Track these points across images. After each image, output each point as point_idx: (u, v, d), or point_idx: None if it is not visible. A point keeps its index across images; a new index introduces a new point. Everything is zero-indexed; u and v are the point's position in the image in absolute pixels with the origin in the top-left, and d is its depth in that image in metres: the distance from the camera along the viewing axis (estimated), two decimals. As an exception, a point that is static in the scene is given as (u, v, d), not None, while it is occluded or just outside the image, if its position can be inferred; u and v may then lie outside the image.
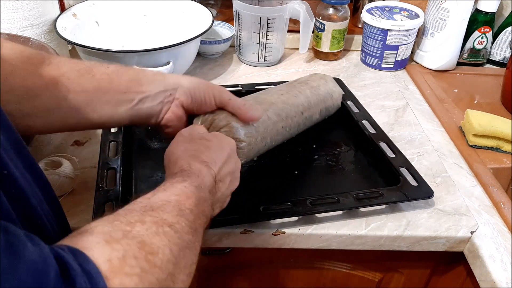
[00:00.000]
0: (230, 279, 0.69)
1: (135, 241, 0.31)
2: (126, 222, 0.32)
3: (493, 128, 0.71)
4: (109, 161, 0.61)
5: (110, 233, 0.30)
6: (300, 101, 0.64)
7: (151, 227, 0.33)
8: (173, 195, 0.38)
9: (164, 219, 0.34)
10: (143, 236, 0.31)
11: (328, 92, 0.69)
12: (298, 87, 0.67)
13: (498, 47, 0.99)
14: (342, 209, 0.57)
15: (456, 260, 0.62)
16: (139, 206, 0.36)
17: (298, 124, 0.64)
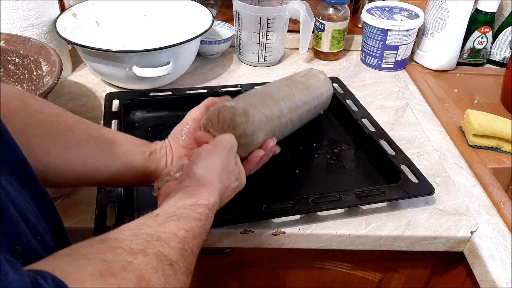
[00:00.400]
0: (230, 279, 0.69)
1: (134, 275, 0.30)
2: (130, 251, 0.32)
3: (493, 128, 0.71)
4: (109, 161, 0.61)
5: (109, 264, 0.29)
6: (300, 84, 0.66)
7: (152, 262, 0.32)
8: (183, 229, 0.38)
9: (166, 256, 0.34)
10: (143, 271, 0.31)
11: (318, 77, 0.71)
12: (292, 76, 0.68)
13: (498, 47, 0.99)
14: (344, 207, 0.58)
15: (456, 260, 0.62)
16: (147, 232, 0.35)
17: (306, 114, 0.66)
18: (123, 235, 0.34)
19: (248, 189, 0.55)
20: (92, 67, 0.80)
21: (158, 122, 0.74)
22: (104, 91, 0.80)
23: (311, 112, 0.68)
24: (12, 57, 0.72)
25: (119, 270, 0.29)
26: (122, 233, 0.34)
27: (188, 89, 0.80)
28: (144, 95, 0.76)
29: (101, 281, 0.28)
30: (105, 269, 0.29)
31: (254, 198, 0.58)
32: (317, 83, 0.69)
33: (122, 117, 0.70)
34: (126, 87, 0.81)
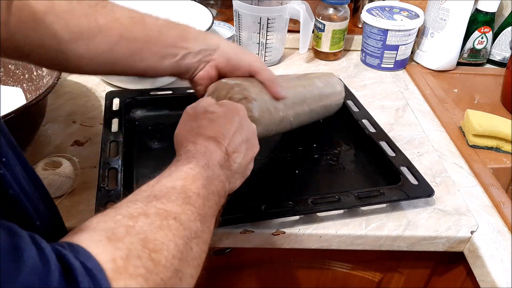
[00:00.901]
0: (230, 279, 0.69)
1: (138, 238, 0.30)
2: (129, 216, 0.31)
3: (493, 128, 0.71)
4: (110, 161, 0.61)
5: (112, 230, 0.29)
6: (316, 90, 0.65)
7: (154, 221, 0.32)
8: (178, 179, 0.37)
9: (168, 210, 0.33)
10: (146, 232, 0.30)
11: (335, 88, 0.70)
12: (312, 78, 0.67)
13: (498, 47, 0.99)
14: (344, 208, 0.58)
15: (456, 260, 0.62)
16: (143, 195, 0.35)
17: (320, 108, 0.65)
18: (120, 205, 0.34)
19: (248, 189, 0.55)
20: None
21: (159, 121, 0.74)
22: (104, 91, 0.80)
23: (313, 118, 0.68)
24: (12, 57, 0.71)
25: (124, 235, 0.29)
26: (119, 204, 0.34)
27: (189, 88, 0.80)
28: (144, 94, 0.76)
29: (111, 246, 0.28)
30: (111, 235, 0.29)
31: (254, 198, 0.58)
32: (332, 94, 0.69)
33: (123, 116, 0.70)
34: (126, 87, 0.81)
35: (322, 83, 0.67)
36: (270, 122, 0.56)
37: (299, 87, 0.63)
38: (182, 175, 0.38)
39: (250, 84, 0.54)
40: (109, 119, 0.70)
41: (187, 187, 0.37)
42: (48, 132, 0.70)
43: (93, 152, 0.66)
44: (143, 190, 0.36)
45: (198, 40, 0.53)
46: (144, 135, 0.71)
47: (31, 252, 0.24)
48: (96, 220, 0.31)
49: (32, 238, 0.25)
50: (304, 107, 0.62)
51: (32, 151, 0.66)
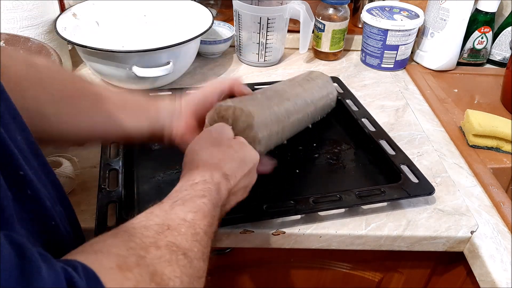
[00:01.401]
0: (230, 279, 0.69)
1: (147, 271, 0.30)
2: (141, 246, 0.31)
3: (493, 128, 0.71)
4: (110, 162, 0.61)
5: (124, 258, 0.29)
6: (313, 94, 0.66)
7: (165, 255, 0.32)
8: (190, 212, 0.38)
9: (178, 245, 0.34)
10: (156, 265, 0.31)
11: (327, 87, 0.71)
12: (302, 82, 0.67)
13: (498, 47, 0.99)
14: (345, 207, 0.58)
15: (456, 260, 0.62)
16: (156, 222, 0.35)
17: (311, 115, 0.66)
18: (133, 227, 0.34)
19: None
20: (92, 67, 0.80)
21: (158, 122, 0.74)
22: (104, 91, 0.80)
23: (317, 112, 0.68)
24: (12, 57, 0.71)
25: (135, 265, 0.29)
26: (132, 226, 0.34)
27: (188, 88, 0.80)
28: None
29: (121, 276, 0.28)
30: (122, 263, 0.29)
31: (254, 198, 0.58)
32: (321, 84, 0.70)
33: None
34: (126, 87, 0.81)
35: (306, 79, 0.68)
36: (271, 145, 0.58)
37: (287, 88, 0.64)
38: (195, 207, 0.39)
39: (256, 110, 0.54)
40: (109, 119, 0.70)
41: (196, 223, 0.37)
42: (48, 132, 0.70)
43: (93, 152, 0.66)
44: (156, 215, 0.36)
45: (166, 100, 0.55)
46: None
47: (42, 277, 0.23)
48: (110, 243, 0.31)
49: (43, 258, 0.25)
50: (299, 118, 0.63)
51: (32, 151, 0.66)
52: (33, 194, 0.30)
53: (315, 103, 0.67)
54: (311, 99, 0.66)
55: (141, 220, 0.35)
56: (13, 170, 0.29)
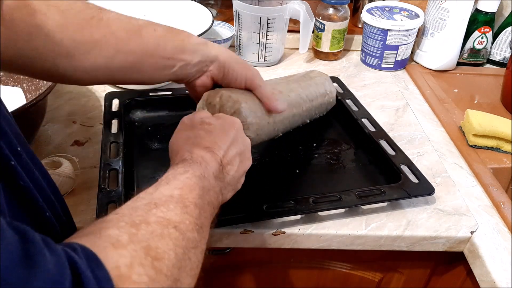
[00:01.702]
0: (230, 279, 0.69)
1: (141, 246, 0.30)
2: (131, 223, 0.32)
3: (493, 128, 0.71)
4: (110, 162, 0.61)
5: (117, 237, 0.30)
6: (309, 91, 0.66)
7: (156, 229, 0.32)
8: (176, 188, 0.38)
9: (168, 219, 0.34)
10: (149, 240, 0.31)
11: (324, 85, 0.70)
12: (299, 79, 0.67)
13: (498, 47, 0.99)
14: (345, 207, 0.58)
15: (456, 260, 0.62)
16: (143, 203, 0.35)
17: (307, 111, 0.66)
18: (121, 210, 0.34)
19: (249, 189, 0.55)
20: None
21: (158, 122, 0.74)
22: (104, 91, 0.80)
23: (314, 108, 0.68)
24: (12, 57, 0.71)
25: (127, 242, 0.30)
26: (120, 210, 0.34)
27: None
28: (144, 95, 0.76)
29: (116, 253, 0.28)
30: (115, 242, 0.29)
31: (254, 198, 0.58)
32: (318, 81, 0.70)
33: (122, 117, 0.70)
34: (126, 87, 0.81)
35: (311, 86, 0.68)
36: (262, 134, 0.57)
37: (287, 83, 0.64)
38: (179, 184, 0.38)
39: (244, 97, 0.54)
40: (109, 120, 0.70)
41: (184, 197, 0.37)
42: (48, 132, 0.70)
43: (93, 152, 0.67)
44: (142, 198, 0.36)
45: (197, 51, 0.53)
46: (144, 136, 0.71)
47: (46, 260, 0.24)
48: (100, 226, 0.31)
49: (45, 242, 0.25)
50: (294, 113, 0.63)
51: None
52: (25, 185, 0.30)
53: (311, 99, 0.66)
54: (307, 95, 0.65)
55: (128, 204, 0.36)
56: (3, 160, 0.29)
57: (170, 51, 0.51)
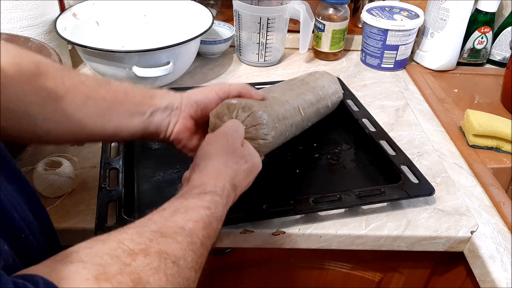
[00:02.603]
0: (230, 279, 0.69)
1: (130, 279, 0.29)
2: (129, 252, 0.31)
3: (493, 128, 0.71)
4: (111, 161, 0.61)
5: (105, 267, 0.29)
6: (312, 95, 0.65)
7: (153, 262, 0.31)
8: (191, 221, 0.37)
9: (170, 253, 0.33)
10: (140, 273, 0.30)
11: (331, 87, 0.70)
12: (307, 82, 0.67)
13: (498, 47, 0.99)
14: (344, 207, 0.58)
15: (456, 260, 0.62)
16: (151, 229, 0.34)
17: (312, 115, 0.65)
18: (126, 234, 0.33)
19: (249, 189, 0.55)
20: (92, 67, 0.80)
21: (158, 122, 0.74)
22: (104, 91, 0.80)
23: (322, 111, 0.68)
24: (12, 57, 0.71)
25: (115, 274, 0.28)
26: (125, 232, 0.33)
27: (189, 88, 0.79)
28: (144, 95, 0.76)
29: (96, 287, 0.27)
30: (100, 273, 0.28)
31: (254, 198, 0.58)
32: (325, 83, 0.69)
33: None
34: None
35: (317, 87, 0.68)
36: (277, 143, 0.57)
37: (292, 87, 0.63)
38: (197, 217, 0.38)
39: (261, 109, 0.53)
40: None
41: (195, 232, 0.37)
42: (48, 132, 0.70)
43: (93, 152, 0.67)
44: (154, 221, 0.36)
45: (164, 96, 0.52)
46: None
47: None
48: (96, 250, 0.30)
49: None
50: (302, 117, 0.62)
51: (32, 151, 0.66)
52: None
53: (324, 100, 0.67)
54: (322, 95, 0.66)
55: (137, 225, 0.35)
56: None
57: (139, 97, 0.50)
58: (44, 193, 0.57)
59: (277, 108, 0.56)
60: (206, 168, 0.45)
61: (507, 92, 0.84)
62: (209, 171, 0.44)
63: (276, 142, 0.56)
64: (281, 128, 0.56)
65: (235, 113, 0.52)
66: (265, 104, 0.54)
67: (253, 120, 0.52)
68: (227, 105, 0.53)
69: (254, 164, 0.49)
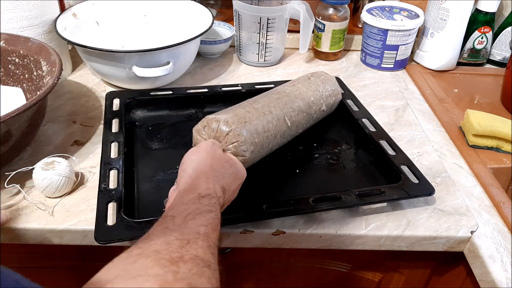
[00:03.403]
0: (230, 279, 0.69)
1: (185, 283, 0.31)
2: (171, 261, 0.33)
3: (493, 128, 0.71)
4: (111, 161, 0.61)
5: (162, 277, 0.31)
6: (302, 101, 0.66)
7: (192, 268, 0.33)
8: (202, 226, 0.39)
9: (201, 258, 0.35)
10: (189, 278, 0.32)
11: (326, 89, 0.70)
12: (298, 88, 0.67)
13: (498, 47, 0.99)
14: (344, 207, 0.58)
15: (456, 260, 0.62)
16: (175, 237, 0.36)
17: (303, 121, 0.66)
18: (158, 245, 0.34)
19: (249, 189, 0.55)
20: (92, 67, 0.80)
21: (159, 121, 0.74)
22: (104, 91, 0.80)
23: (315, 116, 0.69)
24: (12, 57, 0.72)
25: (173, 281, 0.30)
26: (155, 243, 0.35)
27: (189, 88, 0.80)
28: (144, 94, 0.77)
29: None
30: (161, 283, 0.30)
31: (254, 198, 0.58)
32: (320, 87, 0.70)
33: (123, 116, 0.70)
34: (126, 87, 0.81)
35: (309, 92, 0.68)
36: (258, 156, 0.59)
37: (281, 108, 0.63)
38: (205, 221, 0.40)
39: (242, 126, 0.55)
40: (109, 119, 0.70)
41: (209, 236, 0.39)
42: (48, 132, 0.70)
43: (93, 152, 0.67)
44: (172, 230, 0.37)
45: None
46: (144, 135, 0.71)
47: None
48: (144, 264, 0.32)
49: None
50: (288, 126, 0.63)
51: (32, 151, 0.66)
52: None
53: (317, 104, 0.68)
54: (314, 100, 0.67)
55: (160, 235, 0.36)
56: None
57: None
58: (44, 193, 0.57)
59: (257, 122, 0.57)
60: (194, 173, 0.46)
61: (507, 92, 0.84)
62: (197, 175, 0.46)
63: (258, 155, 0.58)
64: (261, 141, 0.57)
65: (215, 128, 0.55)
66: (244, 119, 0.56)
67: (232, 137, 0.54)
68: (208, 120, 0.55)
69: (239, 169, 0.51)
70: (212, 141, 0.53)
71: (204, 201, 0.43)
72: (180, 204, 0.42)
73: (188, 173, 0.47)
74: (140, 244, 0.35)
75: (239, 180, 0.51)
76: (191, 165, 0.48)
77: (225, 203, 0.48)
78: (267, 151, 0.60)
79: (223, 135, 0.54)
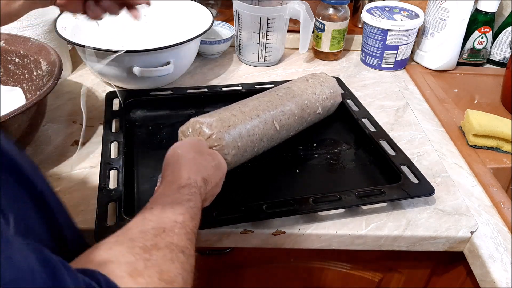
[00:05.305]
0: (230, 279, 0.69)
1: (155, 271, 0.32)
2: (144, 249, 0.33)
3: (493, 128, 0.71)
4: (111, 161, 0.61)
5: (133, 264, 0.31)
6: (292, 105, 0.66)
7: (166, 254, 0.34)
8: (180, 214, 0.40)
9: (176, 244, 0.36)
10: (161, 265, 0.33)
11: (324, 92, 0.70)
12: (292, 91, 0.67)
13: (498, 47, 0.99)
14: (344, 207, 0.58)
15: (456, 260, 0.62)
16: (151, 226, 0.37)
17: (294, 124, 0.66)
18: (133, 234, 0.35)
19: (249, 189, 0.55)
20: (92, 67, 0.80)
21: (159, 121, 0.74)
22: (104, 91, 0.80)
23: (309, 119, 0.69)
24: (12, 57, 0.72)
25: (143, 269, 0.31)
26: (131, 232, 0.36)
27: (189, 88, 0.80)
28: (144, 94, 0.77)
29: (133, 282, 0.30)
30: (132, 270, 0.31)
31: (254, 198, 0.58)
32: (317, 90, 0.70)
33: (123, 116, 0.70)
34: (126, 87, 0.81)
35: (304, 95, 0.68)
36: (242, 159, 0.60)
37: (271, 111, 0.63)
38: (183, 210, 0.41)
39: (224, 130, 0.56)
40: (109, 119, 0.70)
41: (186, 223, 0.40)
42: (48, 132, 0.70)
43: (93, 152, 0.67)
44: (149, 220, 0.38)
45: None
46: (144, 135, 0.71)
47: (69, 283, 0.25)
48: (117, 251, 0.32)
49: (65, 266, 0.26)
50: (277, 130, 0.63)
51: (32, 151, 0.66)
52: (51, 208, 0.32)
53: (312, 108, 0.68)
54: (309, 103, 0.67)
55: (137, 225, 0.37)
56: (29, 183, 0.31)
57: None
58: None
59: (242, 126, 0.58)
60: (177, 165, 0.47)
61: (507, 92, 0.84)
62: (180, 167, 0.47)
63: (241, 158, 0.59)
64: (245, 144, 0.58)
65: (198, 130, 0.56)
66: (228, 123, 0.57)
67: (213, 141, 0.55)
68: (192, 122, 0.57)
69: (220, 162, 0.52)
70: (198, 137, 0.55)
71: (183, 191, 0.43)
72: (160, 196, 0.43)
73: (171, 166, 0.48)
74: (118, 233, 0.36)
75: (221, 173, 0.52)
76: (175, 158, 0.49)
77: (208, 195, 0.49)
78: (253, 154, 0.61)
79: (205, 137, 0.55)
